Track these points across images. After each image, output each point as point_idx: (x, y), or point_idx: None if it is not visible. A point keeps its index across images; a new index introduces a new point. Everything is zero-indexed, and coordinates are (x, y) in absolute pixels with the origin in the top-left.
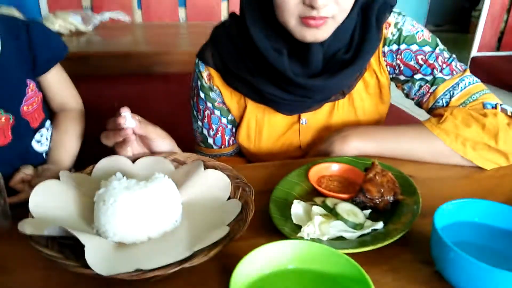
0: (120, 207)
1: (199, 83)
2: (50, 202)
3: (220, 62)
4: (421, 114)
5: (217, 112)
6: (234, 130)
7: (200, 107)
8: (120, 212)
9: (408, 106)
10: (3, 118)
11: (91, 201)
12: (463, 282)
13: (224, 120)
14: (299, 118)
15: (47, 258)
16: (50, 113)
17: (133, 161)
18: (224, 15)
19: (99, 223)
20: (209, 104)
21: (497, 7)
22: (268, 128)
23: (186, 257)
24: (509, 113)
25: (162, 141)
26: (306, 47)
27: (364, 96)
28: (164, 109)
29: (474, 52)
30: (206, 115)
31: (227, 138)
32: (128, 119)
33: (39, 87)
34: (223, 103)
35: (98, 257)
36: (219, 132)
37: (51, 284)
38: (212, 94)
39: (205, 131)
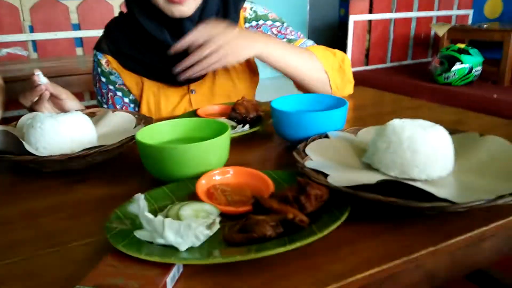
0: (46, 128)
1: (99, 70)
2: None
3: (115, 49)
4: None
5: (119, 93)
6: (137, 109)
7: (103, 91)
8: (46, 132)
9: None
10: None
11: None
12: (286, 131)
13: (126, 100)
14: (189, 89)
15: None
16: None
17: None
18: None
19: (31, 145)
20: (111, 87)
21: (359, 30)
22: (164, 100)
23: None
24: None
25: (72, 101)
26: (180, 24)
27: (235, 64)
28: None
29: None
30: (109, 97)
31: None
32: (41, 77)
33: None
34: (124, 84)
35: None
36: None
37: None
38: (112, 77)
39: None
